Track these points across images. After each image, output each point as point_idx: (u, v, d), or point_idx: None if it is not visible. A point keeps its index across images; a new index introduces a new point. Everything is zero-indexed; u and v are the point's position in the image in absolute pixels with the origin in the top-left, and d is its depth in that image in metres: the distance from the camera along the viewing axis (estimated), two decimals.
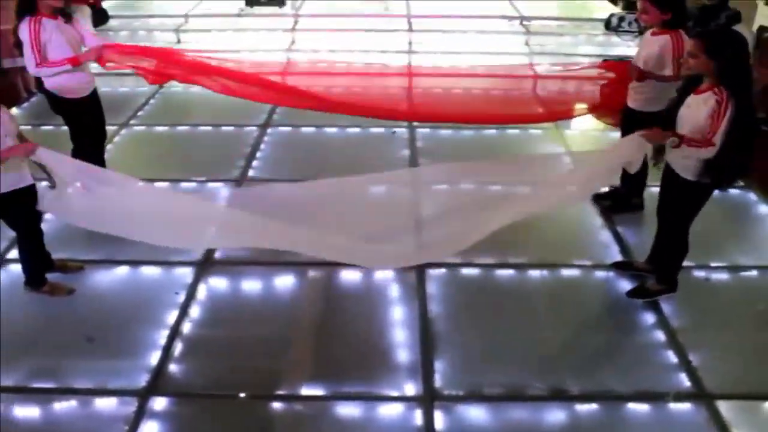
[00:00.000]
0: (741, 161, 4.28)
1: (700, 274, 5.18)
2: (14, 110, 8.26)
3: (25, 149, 4.22)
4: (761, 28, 9.65)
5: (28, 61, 5.25)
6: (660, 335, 4.56)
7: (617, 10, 12.25)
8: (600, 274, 5.21)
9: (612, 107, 5.69)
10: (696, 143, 4.08)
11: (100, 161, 6.01)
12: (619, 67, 5.61)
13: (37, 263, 4.84)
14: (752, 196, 6.33)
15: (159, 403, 3.99)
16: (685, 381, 4.20)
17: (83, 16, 10.46)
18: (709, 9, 8.71)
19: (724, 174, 4.31)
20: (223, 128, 7.90)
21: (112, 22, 11.58)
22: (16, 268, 4.93)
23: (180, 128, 7.99)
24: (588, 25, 11.73)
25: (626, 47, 10.57)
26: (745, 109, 4.01)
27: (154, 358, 4.29)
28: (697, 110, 4.13)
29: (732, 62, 4.02)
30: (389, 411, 3.99)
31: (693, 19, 8.15)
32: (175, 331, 4.52)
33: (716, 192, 4.53)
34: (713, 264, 5.29)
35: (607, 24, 11.46)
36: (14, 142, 4.29)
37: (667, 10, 5.07)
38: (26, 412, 3.96)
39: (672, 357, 4.38)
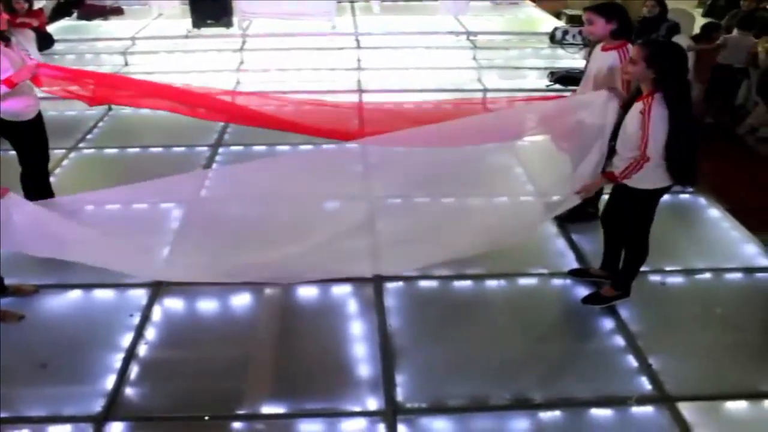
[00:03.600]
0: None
1: (655, 278, 5.25)
2: None
3: None
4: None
5: None
6: (619, 340, 4.59)
7: (561, 24, 12.45)
8: (557, 282, 5.24)
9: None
10: (633, 169, 4.20)
11: (45, 184, 5.90)
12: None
13: None
14: (702, 201, 6.47)
15: (115, 428, 3.88)
16: (646, 384, 4.23)
17: (27, 40, 10.31)
18: (649, 21, 8.95)
19: (692, 173, 4.37)
20: (174, 149, 7.82)
21: (57, 46, 11.39)
22: None
23: (130, 150, 7.88)
24: (533, 39, 11.89)
25: (571, 60, 10.74)
26: (684, 115, 4.08)
27: (110, 382, 4.18)
28: (630, 119, 4.24)
29: (671, 71, 4.09)
30: (352, 426, 3.94)
31: (634, 31, 8.34)
32: (130, 355, 4.41)
33: (667, 197, 4.60)
34: (668, 268, 5.36)
35: (552, 37, 11.63)
36: None
37: (611, 19, 5.13)
38: None
39: (632, 361, 4.41)
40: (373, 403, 4.07)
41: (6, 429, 3.86)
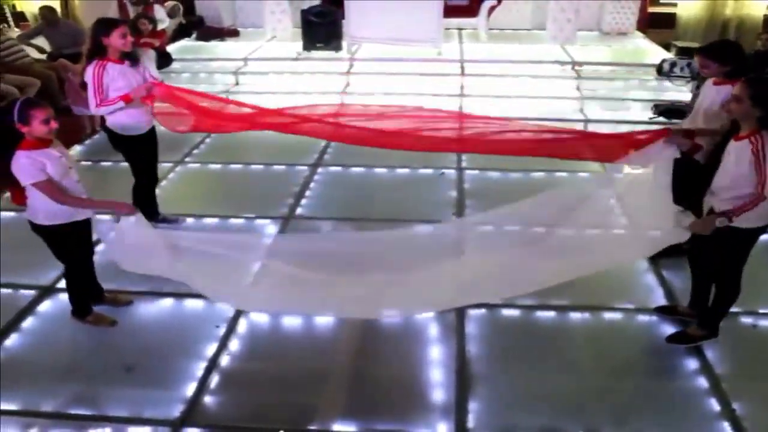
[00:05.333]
0: None
1: (747, 320, 5.05)
2: (77, 147, 8.63)
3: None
4: None
5: (90, 101, 5.49)
6: (703, 382, 4.44)
7: (669, 55, 12.15)
8: (643, 318, 5.12)
9: None
10: (749, 207, 3.99)
11: (151, 198, 6.19)
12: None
13: (82, 294, 4.96)
14: None
15: None
16: (728, 430, 4.07)
17: (148, 58, 10.87)
18: (763, 54, 8.64)
19: None
20: (275, 167, 8.07)
21: (175, 65, 12.01)
22: (65, 298, 5.03)
23: (233, 166, 8.19)
24: (640, 71, 11.65)
25: (678, 92, 10.49)
26: None
27: (190, 389, 4.34)
28: (737, 158, 4.07)
29: None
30: None
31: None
32: (212, 364, 4.57)
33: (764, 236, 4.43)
34: (762, 310, 5.15)
35: (659, 69, 11.36)
36: (66, 179, 4.40)
37: (726, 63, 4.97)
38: None
39: (714, 405, 4.25)
40: (443, 428, 4.07)
41: (89, 427, 4.07)
